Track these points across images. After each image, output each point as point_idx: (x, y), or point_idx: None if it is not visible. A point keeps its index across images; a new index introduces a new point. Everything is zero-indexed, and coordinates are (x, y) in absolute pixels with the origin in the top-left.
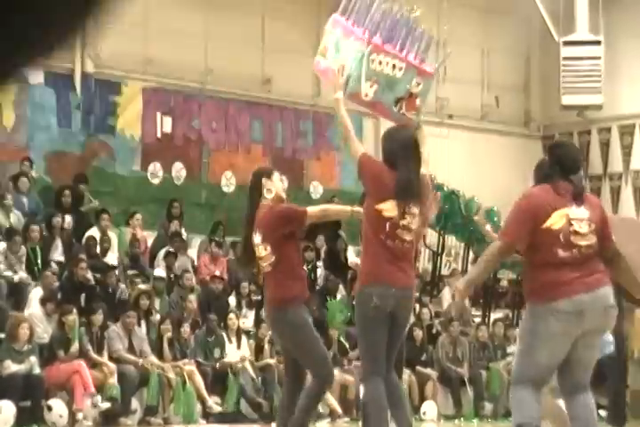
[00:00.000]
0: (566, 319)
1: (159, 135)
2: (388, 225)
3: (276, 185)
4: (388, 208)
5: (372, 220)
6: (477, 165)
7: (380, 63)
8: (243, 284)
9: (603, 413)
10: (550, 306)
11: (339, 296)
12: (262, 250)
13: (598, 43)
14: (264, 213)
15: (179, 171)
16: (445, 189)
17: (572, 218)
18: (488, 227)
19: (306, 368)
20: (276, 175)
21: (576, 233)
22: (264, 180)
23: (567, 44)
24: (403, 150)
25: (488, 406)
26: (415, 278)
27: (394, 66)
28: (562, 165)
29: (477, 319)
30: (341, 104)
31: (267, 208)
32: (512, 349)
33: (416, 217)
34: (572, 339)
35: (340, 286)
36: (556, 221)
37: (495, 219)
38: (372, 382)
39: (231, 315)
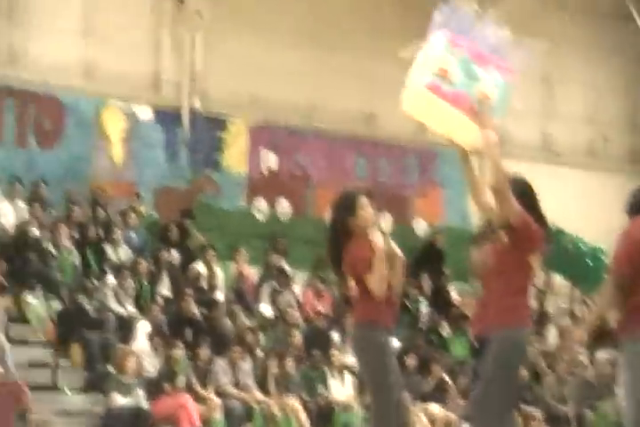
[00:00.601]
0: None
1: (265, 171)
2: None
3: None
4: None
5: (526, 270)
6: (584, 203)
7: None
8: (347, 320)
9: None
10: None
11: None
12: None
13: None
14: None
15: (284, 206)
16: (552, 226)
17: None
18: None
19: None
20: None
21: None
22: None
23: None
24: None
25: None
26: None
27: None
28: None
29: (584, 358)
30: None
31: None
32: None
33: None
34: None
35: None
36: None
37: (602, 257)
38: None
39: (334, 351)
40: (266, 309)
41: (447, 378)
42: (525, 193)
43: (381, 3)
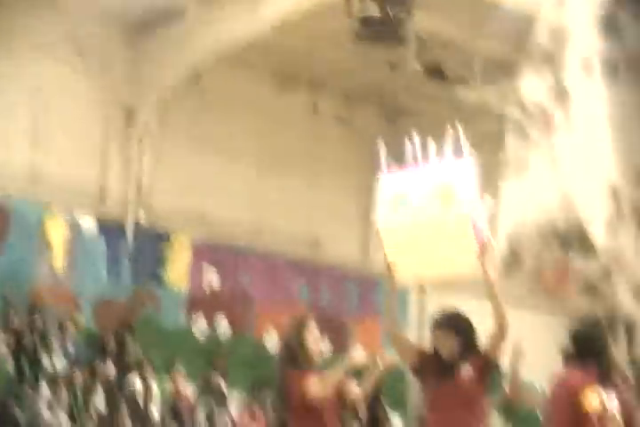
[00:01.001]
0: None
1: (206, 288)
2: None
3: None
4: None
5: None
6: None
7: None
8: None
9: None
10: None
11: None
12: None
13: None
14: None
15: (223, 326)
16: None
17: (604, 400)
18: None
19: None
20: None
21: (610, 419)
22: None
23: None
24: None
25: None
26: None
27: None
28: (589, 355)
29: None
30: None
31: None
32: None
33: None
34: None
35: None
36: (589, 403)
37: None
38: None
39: None
40: None
41: None
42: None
43: (326, 133)
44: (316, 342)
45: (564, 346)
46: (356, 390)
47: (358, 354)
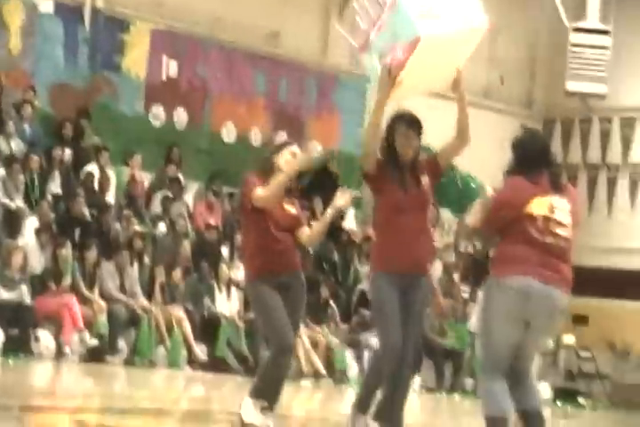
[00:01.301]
0: (512, 297)
1: (164, 78)
2: None
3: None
4: None
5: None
6: (476, 142)
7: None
8: (237, 235)
9: None
10: (500, 281)
11: None
12: None
13: (607, 33)
14: None
15: (180, 116)
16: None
17: (555, 206)
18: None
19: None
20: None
21: (556, 222)
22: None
23: (577, 30)
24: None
25: (469, 382)
26: None
27: None
28: (529, 162)
29: (466, 295)
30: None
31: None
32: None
33: None
34: (520, 323)
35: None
36: (536, 207)
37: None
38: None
39: (223, 265)
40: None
41: (332, 302)
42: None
43: None
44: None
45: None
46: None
47: (313, 147)
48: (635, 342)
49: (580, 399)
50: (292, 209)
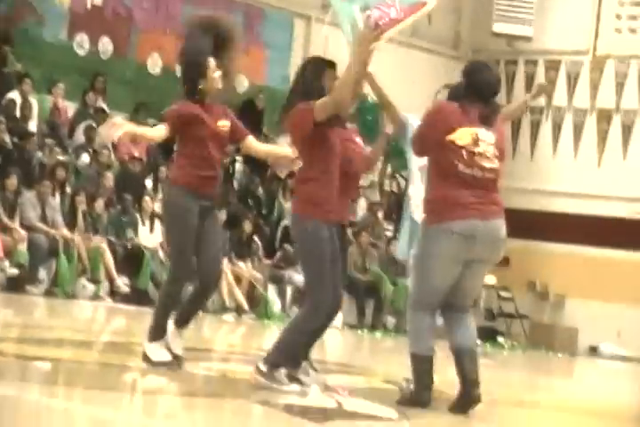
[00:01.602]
0: (457, 241)
1: (89, 6)
2: None
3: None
4: None
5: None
6: (403, 81)
7: None
8: (161, 168)
9: None
10: (443, 226)
11: None
12: None
13: None
14: None
15: (105, 45)
16: (370, 99)
17: (480, 139)
18: None
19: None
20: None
21: (481, 154)
22: None
23: None
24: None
25: (391, 320)
26: None
27: None
28: (477, 89)
29: (389, 233)
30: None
31: None
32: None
33: None
34: (460, 264)
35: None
36: (460, 136)
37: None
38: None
39: (146, 197)
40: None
41: (256, 237)
42: None
43: None
44: (216, 81)
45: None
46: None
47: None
48: (553, 283)
49: (500, 339)
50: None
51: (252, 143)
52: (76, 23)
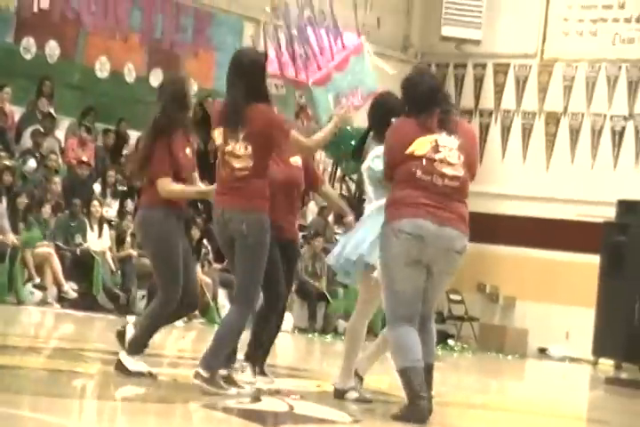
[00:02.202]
0: (406, 240)
1: (35, 10)
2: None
3: None
4: None
5: None
6: None
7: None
8: (109, 172)
9: None
10: (394, 225)
11: None
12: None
13: None
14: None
15: (53, 49)
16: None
17: (440, 145)
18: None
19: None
20: None
21: (442, 161)
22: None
23: None
24: None
25: (342, 324)
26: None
27: (275, 86)
28: (418, 103)
29: (339, 237)
30: None
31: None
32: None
33: None
34: (420, 267)
35: None
36: (418, 147)
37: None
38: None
39: (95, 202)
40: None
41: (205, 241)
42: None
43: None
44: None
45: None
46: None
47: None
48: (503, 285)
49: (450, 342)
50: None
51: None
52: (23, 27)
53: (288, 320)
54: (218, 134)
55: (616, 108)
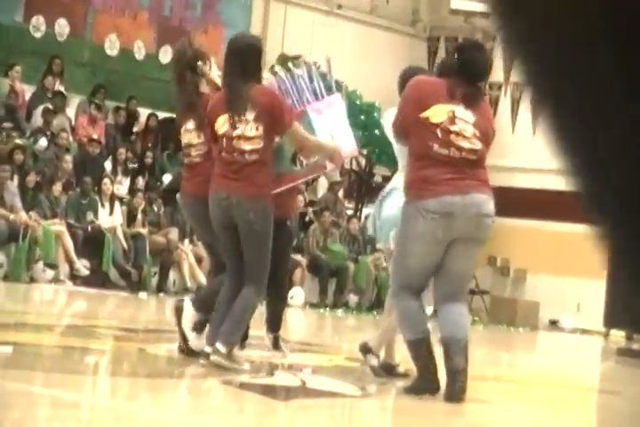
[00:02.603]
0: (433, 220)
1: None
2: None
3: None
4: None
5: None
6: (362, 59)
7: None
8: (120, 150)
9: None
10: (419, 205)
11: None
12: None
13: None
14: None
15: (62, 27)
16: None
17: (457, 117)
18: None
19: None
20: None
21: (457, 133)
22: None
23: None
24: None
25: (353, 298)
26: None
27: None
28: (468, 68)
29: (350, 212)
30: None
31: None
32: (381, 244)
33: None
34: (442, 245)
35: None
36: (435, 113)
37: (375, 114)
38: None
39: (106, 180)
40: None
41: None
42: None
43: None
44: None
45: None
46: None
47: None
48: (514, 258)
49: None
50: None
51: None
52: (32, 5)
53: (299, 295)
54: (222, 122)
55: None
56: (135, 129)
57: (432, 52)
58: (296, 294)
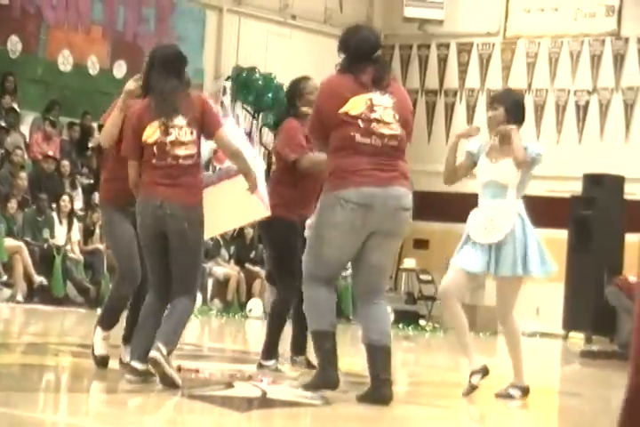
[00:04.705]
0: (352, 210)
1: None
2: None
3: None
4: None
5: None
6: (316, 69)
7: None
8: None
9: None
10: (338, 195)
11: None
12: None
13: None
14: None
15: (14, 44)
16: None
17: (374, 104)
18: None
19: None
20: None
21: (378, 121)
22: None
23: None
24: None
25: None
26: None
27: None
28: (357, 49)
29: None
30: None
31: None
32: None
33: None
34: (359, 236)
35: None
36: (353, 106)
37: None
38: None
39: (65, 197)
40: None
41: None
42: None
43: None
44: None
45: None
46: None
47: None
48: None
49: (421, 322)
50: None
51: None
52: None
53: (257, 306)
54: (153, 130)
55: (579, 83)
56: (90, 144)
57: (387, 59)
58: (255, 306)
